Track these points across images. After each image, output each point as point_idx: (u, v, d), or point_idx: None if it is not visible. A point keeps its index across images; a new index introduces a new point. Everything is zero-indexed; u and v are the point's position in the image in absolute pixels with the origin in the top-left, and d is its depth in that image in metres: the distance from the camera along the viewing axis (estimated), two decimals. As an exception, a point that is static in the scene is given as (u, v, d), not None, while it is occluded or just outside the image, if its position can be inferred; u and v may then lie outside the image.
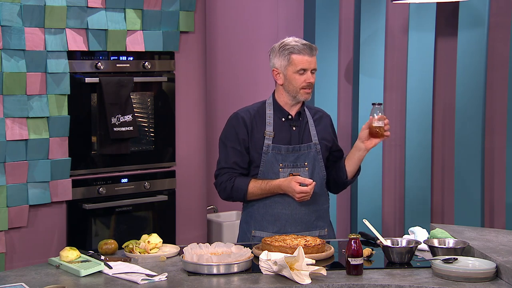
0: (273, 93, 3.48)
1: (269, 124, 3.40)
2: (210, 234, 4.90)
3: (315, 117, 3.48)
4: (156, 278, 2.72)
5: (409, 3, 4.56)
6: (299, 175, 3.32)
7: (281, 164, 3.36)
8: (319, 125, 3.48)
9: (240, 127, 3.39)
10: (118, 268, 2.85)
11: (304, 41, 3.36)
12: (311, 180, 3.26)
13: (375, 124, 3.30)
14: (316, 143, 3.42)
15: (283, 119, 3.41)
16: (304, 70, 3.34)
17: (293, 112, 3.42)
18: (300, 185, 3.24)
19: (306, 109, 3.47)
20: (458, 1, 4.44)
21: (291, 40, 3.37)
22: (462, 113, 4.53)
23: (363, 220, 3.25)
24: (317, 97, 4.76)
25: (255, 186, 3.34)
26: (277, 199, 3.35)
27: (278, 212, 3.36)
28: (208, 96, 4.94)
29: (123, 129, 4.17)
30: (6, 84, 3.79)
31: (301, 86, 3.35)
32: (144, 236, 3.08)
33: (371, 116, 3.30)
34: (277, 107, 3.43)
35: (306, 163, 3.37)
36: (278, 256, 2.85)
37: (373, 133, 3.33)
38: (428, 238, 3.18)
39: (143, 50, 4.28)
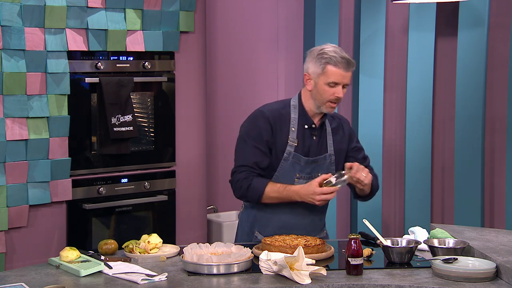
0: (299, 95, 3.38)
1: (293, 130, 3.30)
2: (210, 234, 4.90)
3: (333, 126, 3.40)
4: (156, 278, 2.72)
5: (409, 3, 4.56)
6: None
7: (297, 174, 3.30)
8: (336, 134, 3.40)
9: (265, 127, 3.29)
10: (118, 268, 2.85)
11: (344, 54, 3.23)
12: (329, 174, 3.18)
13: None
14: (331, 154, 3.36)
15: (306, 127, 3.33)
16: (336, 83, 3.23)
17: (316, 120, 3.34)
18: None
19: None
20: (458, 1, 4.44)
21: (331, 49, 3.25)
22: (462, 113, 4.53)
23: (363, 220, 3.24)
24: (317, 97, 4.76)
25: (272, 189, 3.25)
26: (286, 209, 3.30)
27: (285, 220, 3.32)
28: (208, 96, 4.94)
29: (123, 129, 4.17)
30: (6, 84, 3.79)
31: (329, 98, 3.25)
32: (144, 236, 3.08)
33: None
34: (302, 112, 3.33)
35: (319, 174, 3.30)
36: (278, 256, 2.85)
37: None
38: (428, 238, 3.18)
39: (143, 50, 4.28)
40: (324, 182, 3.18)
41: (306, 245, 2.98)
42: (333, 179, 3.18)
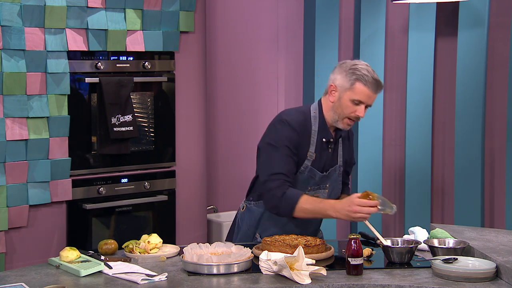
0: (320, 104, 3.30)
1: (312, 143, 3.24)
2: (210, 234, 4.90)
3: (343, 135, 3.36)
4: (156, 278, 2.72)
5: (409, 3, 4.56)
6: None
7: (309, 188, 3.27)
8: (344, 144, 3.37)
9: (295, 138, 3.19)
10: (118, 268, 2.85)
11: (375, 75, 3.18)
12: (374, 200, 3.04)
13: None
14: (340, 165, 3.35)
15: (324, 140, 3.27)
16: (361, 102, 3.17)
17: (332, 131, 3.29)
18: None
19: None
20: (458, 1, 4.44)
21: (364, 67, 3.18)
22: (462, 113, 4.53)
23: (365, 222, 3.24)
24: (317, 97, 4.74)
25: (307, 200, 3.12)
26: (292, 218, 3.26)
27: (289, 229, 3.28)
28: (208, 96, 4.94)
29: (123, 129, 4.17)
30: (6, 84, 3.79)
31: (349, 115, 3.19)
32: (144, 236, 3.08)
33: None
34: (322, 124, 3.25)
35: (328, 185, 3.31)
36: (278, 256, 2.85)
37: None
38: (428, 238, 3.18)
39: (143, 50, 4.28)
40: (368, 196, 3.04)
41: (306, 245, 2.97)
42: (379, 201, 3.04)
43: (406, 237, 3.23)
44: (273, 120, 3.32)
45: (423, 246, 3.10)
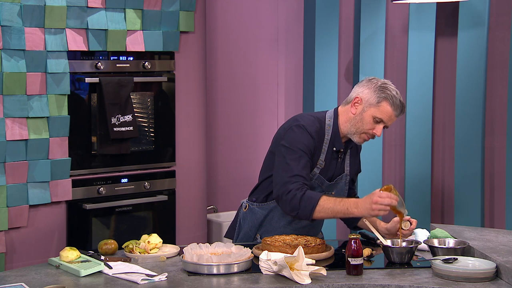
0: (336, 113, 3.28)
1: (323, 152, 3.24)
2: (210, 234, 4.90)
3: (351, 145, 3.35)
4: (156, 278, 2.72)
5: (409, 3, 4.56)
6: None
7: None
8: (352, 153, 3.37)
9: (311, 144, 3.19)
10: (118, 268, 2.85)
11: (402, 100, 3.22)
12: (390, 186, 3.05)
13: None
14: (347, 174, 3.34)
15: (335, 149, 3.27)
16: (382, 121, 3.19)
17: (344, 142, 3.29)
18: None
19: None
20: (458, 1, 4.44)
21: (394, 88, 3.21)
22: (462, 113, 4.53)
23: (363, 220, 3.24)
24: (317, 97, 4.76)
25: (328, 200, 3.09)
26: (296, 220, 3.27)
27: (292, 232, 3.28)
28: (208, 96, 4.94)
29: (123, 129, 4.17)
30: (6, 84, 3.79)
31: (366, 131, 3.20)
32: (144, 236, 3.08)
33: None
34: (335, 133, 3.25)
35: (333, 193, 3.31)
36: (278, 256, 2.85)
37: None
38: (428, 238, 3.18)
39: (143, 50, 4.28)
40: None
41: (306, 245, 2.98)
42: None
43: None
44: (287, 123, 3.29)
45: (423, 246, 3.10)
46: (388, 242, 3.02)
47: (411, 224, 3.19)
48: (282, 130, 3.29)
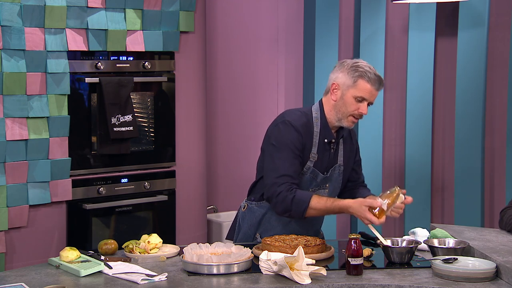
0: (321, 104, 3.30)
1: (314, 145, 3.24)
2: (210, 234, 4.90)
3: (344, 135, 3.35)
4: (156, 278, 2.72)
5: (409, 3, 4.56)
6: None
7: (310, 189, 3.27)
8: (346, 144, 3.37)
9: (298, 139, 3.20)
10: (118, 268, 2.85)
11: (377, 73, 3.21)
12: (379, 203, 3.05)
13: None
14: (340, 165, 3.34)
15: (326, 141, 3.27)
16: (364, 99, 3.19)
17: (333, 131, 3.29)
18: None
19: None
20: (458, 1, 4.44)
21: (365, 64, 3.21)
22: (462, 113, 4.54)
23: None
24: (317, 97, 4.74)
25: (319, 201, 3.13)
26: (295, 220, 3.27)
27: (293, 228, 3.29)
28: (208, 96, 4.94)
29: (123, 129, 4.17)
30: (6, 84, 3.79)
31: (353, 113, 3.20)
32: (144, 236, 3.08)
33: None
34: (324, 124, 3.26)
35: (327, 185, 3.31)
36: (278, 256, 2.85)
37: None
38: (428, 238, 3.18)
39: (143, 50, 4.28)
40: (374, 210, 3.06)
41: (306, 245, 2.98)
42: (384, 206, 3.06)
43: (406, 237, 3.23)
44: (275, 121, 3.32)
45: (423, 246, 3.10)
46: (388, 242, 3.02)
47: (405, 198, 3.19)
48: (270, 127, 3.32)
